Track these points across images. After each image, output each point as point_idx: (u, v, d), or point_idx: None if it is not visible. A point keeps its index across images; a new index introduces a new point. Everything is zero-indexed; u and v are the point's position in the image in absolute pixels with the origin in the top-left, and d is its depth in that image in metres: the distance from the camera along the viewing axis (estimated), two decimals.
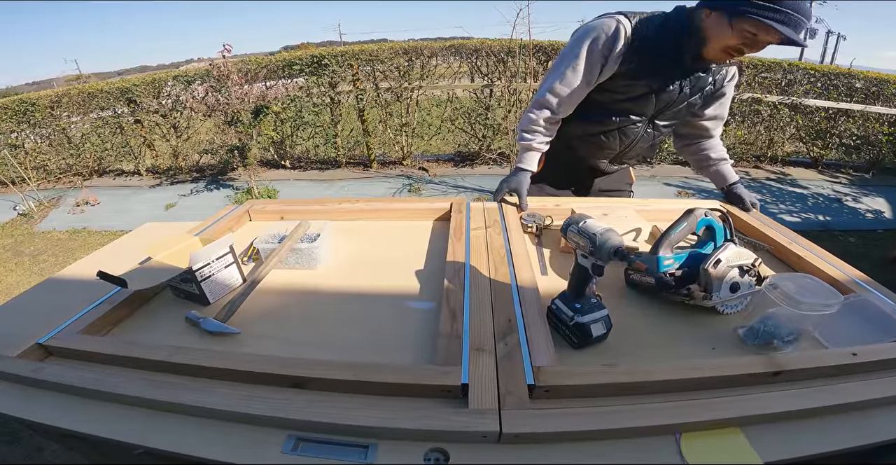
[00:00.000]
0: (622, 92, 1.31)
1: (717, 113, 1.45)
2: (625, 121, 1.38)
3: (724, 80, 1.34)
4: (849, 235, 3.68)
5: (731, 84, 1.37)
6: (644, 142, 1.44)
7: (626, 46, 1.21)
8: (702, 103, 1.38)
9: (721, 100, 1.41)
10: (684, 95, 1.31)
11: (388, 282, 1.07)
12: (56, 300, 1.10)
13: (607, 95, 1.34)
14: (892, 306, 0.92)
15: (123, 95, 5.48)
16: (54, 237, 4.27)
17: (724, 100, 1.42)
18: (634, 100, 1.32)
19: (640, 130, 1.40)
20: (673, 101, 1.31)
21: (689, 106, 1.36)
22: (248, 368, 0.75)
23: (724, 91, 1.38)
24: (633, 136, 1.41)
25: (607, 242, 0.71)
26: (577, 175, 1.63)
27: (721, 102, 1.42)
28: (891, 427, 0.68)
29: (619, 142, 1.43)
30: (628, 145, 1.44)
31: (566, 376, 0.71)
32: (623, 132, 1.40)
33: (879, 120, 5.07)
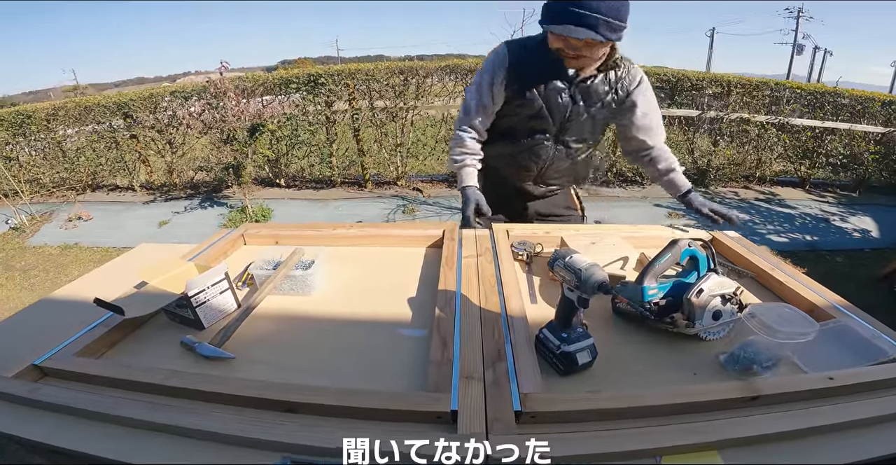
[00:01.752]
0: (519, 113, 1.41)
1: (643, 124, 1.44)
2: (531, 141, 1.44)
3: (628, 87, 1.36)
4: (836, 254, 3.74)
5: (639, 91, 1.37)
6: (560, 161, 1.47)
7: (506, 72, 1.34)
8: (611, 115, 1.41)
9: (638, 110, 1.40)
10: (578, 107, 1.35)
11: (381, 309, 1.09)
12: (50, 321, 1.11)
13: (508, 118, 1.45)
14: (871, 330, 0.95)
15: (120, 109, 5.49)
16: (46, 252, 4.25)
17: (646, 110, 1.41)
18: (532, 119, 1.40)
19: (549, 149, 1.45)
20: (568, 115, 1.36)
21: (593, 119, 1.39)
22: (244, 393, 0.77)
23: (633, 100, 1.38)
24: (544, 155, 1.46)
25: (592, 277, 0.74)
26: (507, 198, 1.62)
27: (643, 113, 1.41)
28: (867, 448, 0.71)
29: (532, 162, 1.49)
30: (544, 165, 1.49)
31: (552, 403, 0.74)
32: (534, 152, 1.46)
33: (865, 138, 5.19)
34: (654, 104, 1.43)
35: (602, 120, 1.42)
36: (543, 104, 1.35)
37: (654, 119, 1.44)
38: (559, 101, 1.34)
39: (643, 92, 1.38)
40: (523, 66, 1.33)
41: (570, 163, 1.49)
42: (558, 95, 1.33)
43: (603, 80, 1.33)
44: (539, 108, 1.35)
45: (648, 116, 1.43)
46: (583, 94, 1.33)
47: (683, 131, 5.54)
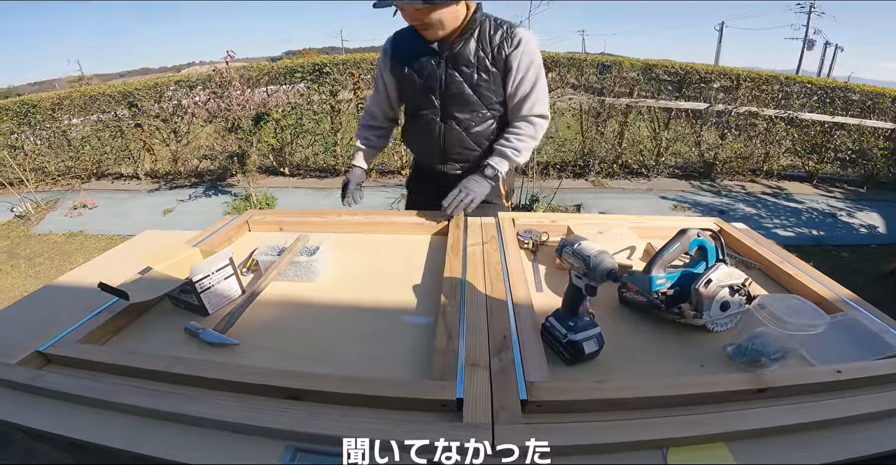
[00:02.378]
0: (407, 95, 1.50)
1: (513, 91, 1.39)
2: (422, 119, 1.47)
3: (506, 50, 1.31)
4: (842, 249, 3.71)
5: (516, 54, 1.32)
6: (453, 135, 1.46)
7: (390, 59, 1.44)
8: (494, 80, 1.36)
9: (512, 74, 1.35)
10: (452, 76, 1.35)
11: (386, 296, 1.09)
12: (54, 308, 1.11)
13: (404, 102, 1.55)
14: (880, 324, 0.94)
15: (125, 98, 5.50)
16: (51, 240, 4.26)
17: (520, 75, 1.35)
18: (417, 97, 1.45)
19: (438, 125, 1.45)
20: (445, 86, 1.37)
21: (474, 87, 1.36)
22: (248, 380, 0.77)
23: (510, 63, 1.33)
24: (436, 131, 1.47)
25: (601, 264, 0.73)
26: (431, 182, 1.59)
27: (515, 78, 1.36)
28: (875, 442, 0.70)
29: (427, 140, 1.51)
30: (440, 142, 1.48)
31: (558, 392, 0.73)
32: (426, 130, 1.49)
33: (875, 134, 5.13)
34: (529, 73, 1.36)
35: (486, 87, 1.37)
36: (421, 80, 1.39)
37: (521, 87, 1.38)
38: (434, 73, 1.37)
39: (520, 56, 1.33)
40: (401, 50, 1.41)
41: (465, 136, 1.46)
42: (432, 69, 1.37)
43: (475, 45, 1.33)
44: (419, 85, 1.40)
45: (518, 81, 1.37)
46: (453, 62, 1.34)
47: (691, 124, 5.49)
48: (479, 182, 1.41)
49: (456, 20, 1.29)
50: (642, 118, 5.45)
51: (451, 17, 1.27)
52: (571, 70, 5.38)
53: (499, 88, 1.39)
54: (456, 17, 1.28)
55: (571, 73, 5.39)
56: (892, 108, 5.06)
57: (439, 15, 1.24)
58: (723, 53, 29.53)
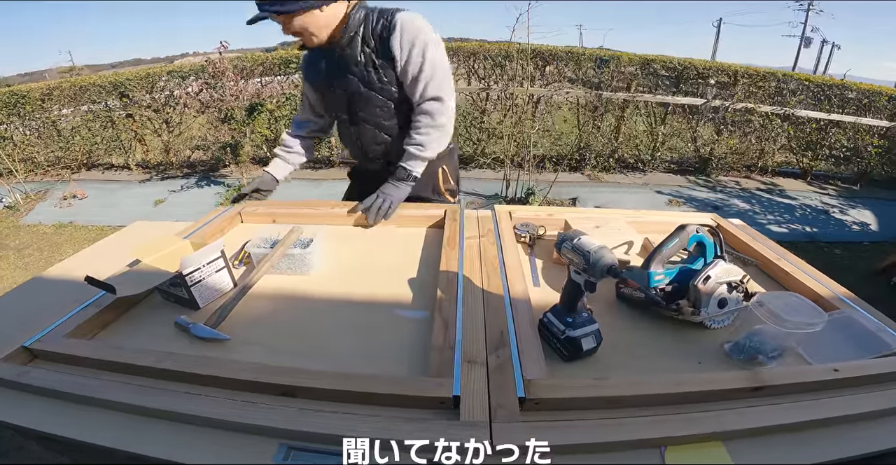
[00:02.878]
0: (323, 103, 1.52)
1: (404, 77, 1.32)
2: (339, 124, 1.52)
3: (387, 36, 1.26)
4: (835, 246, 3.73)
5: (395, 38, 1.25)
6: (368, 137, 1.46)
7: (303, 72, 1.49)
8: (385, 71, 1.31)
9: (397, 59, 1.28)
10: (345, 78, 1.35)
11: (381, 290, 1.07)
12: (42, 301, 1.09)
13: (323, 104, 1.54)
14: (876, 323, 0.94)
15: (116, 88, 5.42)
16: (40, 231, 4.20)
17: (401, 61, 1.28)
18: (328, 106, 1.51)
19: (351, 128, 1.47)
20: (342, 89, 1.38)
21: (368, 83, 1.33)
22: (238, 375, 0.75)
23: (391, 49, 1.26)
24: (352, 134, 1.49)
25: (601, 259, 0.72)
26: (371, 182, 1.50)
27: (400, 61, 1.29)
28: (872, 441, 0.70)
29: (349, 142, 1.54)
30: (359, 144, 1.50)
31: (557, 390, 0.72)
32: (344, 133, 1.53)
33: (870, 132, 5.15)
34: (413, 53, 1.27)
35: (382, 81, 1.33)
36: (326, 88, 1.42)
37: (408, 70, 1.30)
38: (332, 79, 1.38)
39: (399, 40, 1.26)
40: (310, 63, 1.44)
41: (379, 133, 1.45)
42: (330, 76, 1.38)
43: (360, 44, 1.29)
44: (326, 93, 1.45)
45: (403, 64, 1.29)
46: (344, 65, 1.33)
47: (687, 120, 5.50)
48: (395, 185, 1.40)
49: (328, 25, 1.25)
50: (639, 113, 5.45)
51: (318, 23, 1.23)
52: (569, 64, 5.35)
53: (394, 79, 1.33)
54: (326, 22, 1.23)
55: (569, 66, 5.37)
56: (888, 106, 5.08)
57: (301, 23, 1.20)
58: (720, 50, 29.54)
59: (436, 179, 1.58)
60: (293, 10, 1.17)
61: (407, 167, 1.39)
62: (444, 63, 1.33)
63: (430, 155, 1.40)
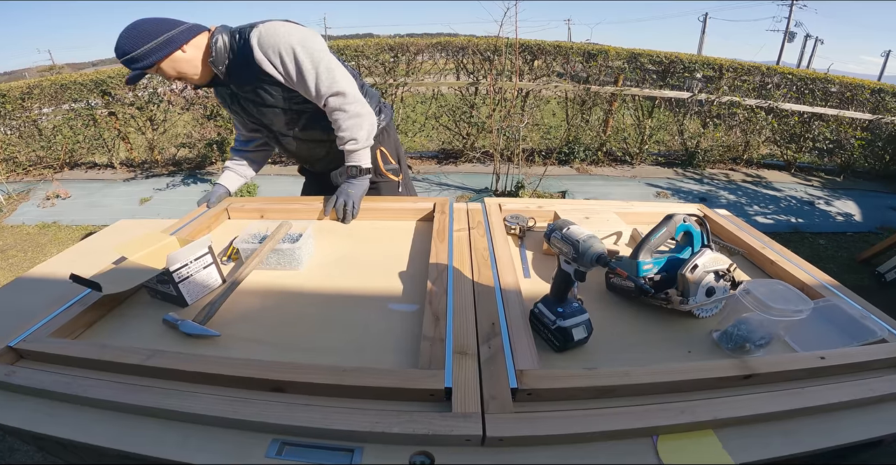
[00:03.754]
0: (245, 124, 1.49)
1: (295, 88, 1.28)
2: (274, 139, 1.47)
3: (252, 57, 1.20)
4: (819, 237, 3.79)
5: (258, 56, 1.19)
6: (295, 146, 1.47)
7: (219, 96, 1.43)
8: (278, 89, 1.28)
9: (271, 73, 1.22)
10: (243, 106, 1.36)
11: (371, 283, 1.07)
12: (26, 301, 1.07)
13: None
14: (860, 310, 0.95)
15: (98, 86, 5.31)
16: (23, 232, 4.12)
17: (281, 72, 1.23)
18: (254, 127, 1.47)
19: (292, 141, 1.45)
20: (251, 115, 1.38)
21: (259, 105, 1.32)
22: (228, 372, 0.75)
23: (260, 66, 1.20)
24: (283, 147, 1.49)
25: (590, 248, 0.72)
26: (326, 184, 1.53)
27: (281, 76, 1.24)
28: (858, 429, 0.71)
29: (285, 153, 1.55)
30: (301, 155, 1.52)
31: (549, 380, 0.72)
32: (278, 147, 1.51)
33: (852, 124, 5.23)
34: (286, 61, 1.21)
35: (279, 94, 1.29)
36: (240, 116, 1.43)
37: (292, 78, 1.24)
38: (234, 107, 1.39)
39: (259, 54, 1.19)
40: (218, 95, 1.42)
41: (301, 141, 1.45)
42: (230, 104, 1.39)
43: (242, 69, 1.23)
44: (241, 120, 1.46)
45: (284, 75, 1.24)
46: (238, 91, 1.32)
47: (674, 113, 5.53)
48: (352, 183, 1.41)
49: (195, 65, 1.22)
50: (627, 106, 5.47)
51: (190, 63, 1.21)
52: (557, 58, 5.35)
53: (282, 92, 1.29)
54: (188, 61, 1.20)
55: (557, 61, 5.37)
56: (870, 99, 5.16)
57: (172, 68, 1.19)
58: (706, 45, 29.75)
59: (375, 163, 1.55)
60: (156, 61, 1.14)
61: (354, 163, 1.39)
62: (321, 56, 1.23)
63: (366, 144, 1.38)
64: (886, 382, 0.77)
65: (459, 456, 0.64)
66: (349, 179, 1.40)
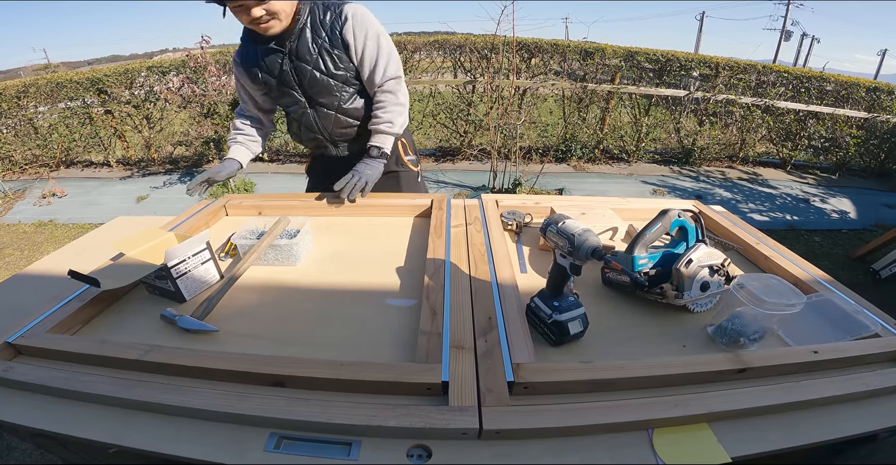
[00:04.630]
0: (270, 97, 1.50)
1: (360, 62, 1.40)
2: (293, 111, 1.50)
3: (339, 27, 1.34)
4: (814, 234, 3.81)
5: (348, 28, 1.34)
6: (327, 119, 1.48)
7: (241, 71, 1.45)
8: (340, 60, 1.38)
9: (352, 48, 1.36)
10: (301, 67, 1.37)
11: (369, 279, 1.07)
12: (24, 298, 1.07)
13: (272, 103, 1.56)
14: (854, 305, 0.96)
15: (94, 85, 5.29)
16: (20, 230, 4.11)
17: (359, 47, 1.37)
18: (280, 97, 1.47)
19: (309, 115, 1.47)
20: (298, 78, 1.40)
21: (326, 71, 1.38)
22: (226, 366, 0.75)
23: (345, 39, 1.35)
24: (310, 121, 1.49)
25: (585, 242, 0.73)
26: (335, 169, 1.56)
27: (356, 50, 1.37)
28: (852, 423, 0.71)
29: (310, 131, 1.52)
30: (320, 129, 1.51)
31: (545, 373, 0.73)
32: (302, 123, 1.51)
33: (848, 123, 5.25)
34: (368, 41, 1.37)
35: (336, 66, 1.38)
36: (275, 81, 1.42)
37: (365, 57, 1.39)
38: (284, 70, 1.39)
39: (350, 29, 1.34)
40: (249, 59, 1.42)
41: (341, 116, 1.48)
42: (279, 67, 1.39)
43: (310, 34, 1.34)
44: (275, 85, 1.43)
45: (360, 53, 1.38)
46: (296, 55, 1.36)
47: (670, 111, 5.55)
48: (369, 164, 1.44)
49: (287, 14, 1.28)
50: (623, 104, 5.48)
51: (287, 9, 1.26)
52: (554, 56, 5.36)
53: (348, 64, 1.40)
54: (291, 8, 1.28)
55: (554, 59, 5.38)
56: (865, 97, 5.18)
57: (279, 4, 1.23)
58: (703, 43, 29.79)
59: (398, 151, 1.65)
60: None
61: (379, 145, 1.45)
62: (392, 47, 1.42)
63: (398, 131, 1.46)
64: (880, 376, 0.78)
65: (456, 449, 0.65)
66: (368, 159, 1.45)
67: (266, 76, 1.41)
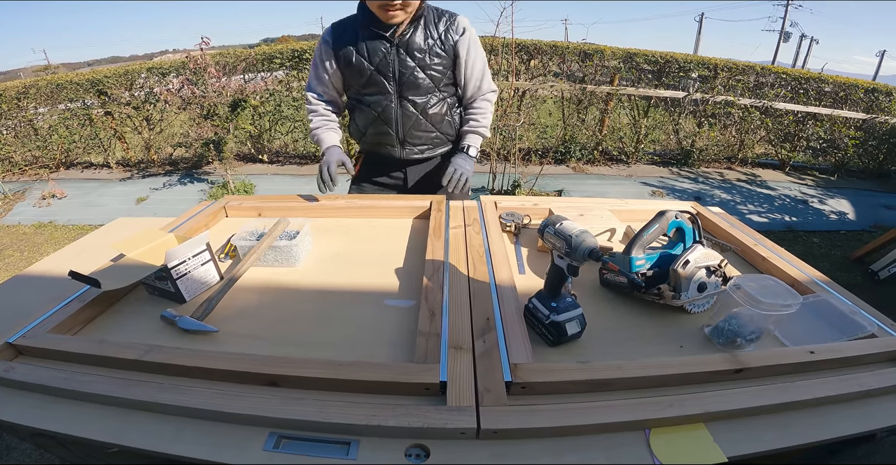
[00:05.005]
0: (356, 82, 1.49)
1: (466, 74, 1.50)
2: (377, 105, 1.49)
3: (453, 37, 1.42)
4: (813, 235, 3.81)
5: (462, 41, 1.44)
6: (410, 118, 1.50)
7: (332, 50, 1.45)
8: (443, 65, 1.45)
9: (461, 60, 1.46)
10: (405, 62, 1.41)
11: (368, 280, 1.08)
12: (24, 299, 1.07)
13: (352, 90, 1.54)
14: (850, 306, 0.96)
15: (94, 86, 5.31)
16: (20, 232, 4.11)
17: (468, 60, 1.48)
18: (369, 84, 1.47)
19: (395, 109, 1.49)
20: (398, 71, 1.42)
21: (426, 71, 1.43)
22: (224, 366, 0.75)
23: (457, 50, 1.44)
24: (393, 115, 1.50)
25: (582, 243, 0.73)
26: (386, 169, 1.67)
27: (465, 63, 1.47)
28: (848, 424, 0.72)
29: (386, 125, 1.52)
30: (398, 125, 1.52)
31: (543, 373, 0.73)
32: (383, 115, 1.51)
33: (846, 124, 5.26)
34: (477, 56, 1.49)
35: (437, 71, 1.45)
36: (373, 68, 1.43)
37: (474, 72, 1.51)
38: (386, 61, 1.41)
39: (466, 42, 1.45)
40: (346, 39, 1.43)
41: (422, 118, 1.51)
42: (383, 55, 1.41)
43: (423, 33, 1.40)
44: (370, 72, 1.43)
45: (469, 68, 1.49)
46: (405, 48, 1.40)
47: (669, 112, 5.56)
48: (468, 161, 1.53)
49: (415, 8, 1.35)
50: (622, 106, 5.50)
51: (417, 2, 1.33)
52: (554, 58, 5.37)
53: (447, 70, 1.47)
54: (418, 3, 1.34)
55: (553, 60, 5.39)
56: (864, 99, 5.19)
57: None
58: (702, 44, 29.86)
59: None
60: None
61: (476, 146, 1.57)
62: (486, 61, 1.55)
63: (488, 136, 1.61)
64: (876, 376, 0.78)
65: (455, 449, 0.65)
66: (462, 154, 1.54)
67: (361, 60, 1.42)
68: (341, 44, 1.43)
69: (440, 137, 1.58)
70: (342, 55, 1.44)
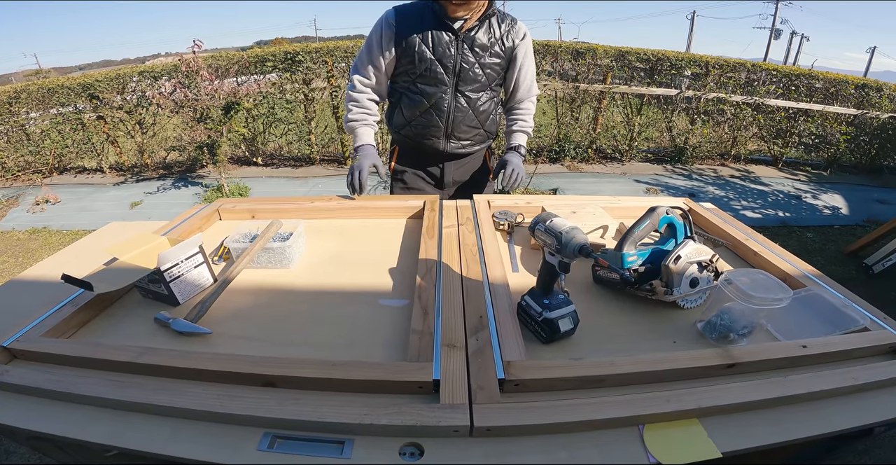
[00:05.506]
0: (413, 71, 1.47)
1: (518, 77, 1.56)
2: (432, 96, 1.49)
3: (514, 39, 1.48)
4: (806, 230, 3.84)
5: (522, 45, 1.50)
6: (462, 112, 1.52)
7: (394, 33, 1.42)
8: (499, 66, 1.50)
9: (517, 63, 1.53)
10: (467, 57, 1.44)
11: (361, 280, 1.08)
12: (18, 303, 1.07)
13: (405, 77, 1.51)
14: (842, 299, 0.97)
15: (85, 90, 5.27)
16: (14, 237, 4.09)
17: (524, 65, 1.54)
18: (427, 74, 1.46)
19: (449, 101, 1.50)
20: (459, 65, 1.44)
21: (484, 68, 1.47)
22: (218, 367, 0.75)
23: (516, 53, 1.50)
24: (445, 107, 1.51)
25: (572, 240, 0.74)
26: (423, 162, 1.69)
27: (521, 67, 1.54)
28: (842, 418, 0.72)
29: (437, 116, 1.52)
30: (449, 118, 1.53)
31: (536, 370, 0.74)
32: (436, 106, 1.50)
33: (837, 120, 5.31)
34: (531, 61, 1.56)
35: (493, 69, 1.49)
36: (434, 58, 1.43)
37: (527, 75, 1.57)
38: (448, 53, 1.42)
39: (524, 47, 1.51)
40: (410, 26, 1.41)
41: (472, 113, 1.54)
42: (447, 48, 1.42)
43: (486, 31, 1.43)
44: (430, 62, 1.43)
45: (524, 71, 1.56)
46: (469, 44, 1.42)
47: (662, 110, 5.58)
48: (519, 158, 1.60)
49: (483, 7, 1.39)
50: (616, 104, 5.51)
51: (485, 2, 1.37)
52: (546, 57, 5.38)
53: (501, 70, 1.52)
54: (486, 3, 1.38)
55: (546, 59, 5.40)
56: (854, 95, 5.23)
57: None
58: (694, 42, 29.95)
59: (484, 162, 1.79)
60: None
61: (522, 144, 1.64)
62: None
63: (532, 135, 1.68)
64: (869, 370, 0.78)
65: (448, 447, 0.65)
66: (514, 153, 1.60)
67: (424, 48, 1.42)
68: (405, 30, 1.41)
69: (482, 133, 1.62)
70: (404, 41, 1.42)
